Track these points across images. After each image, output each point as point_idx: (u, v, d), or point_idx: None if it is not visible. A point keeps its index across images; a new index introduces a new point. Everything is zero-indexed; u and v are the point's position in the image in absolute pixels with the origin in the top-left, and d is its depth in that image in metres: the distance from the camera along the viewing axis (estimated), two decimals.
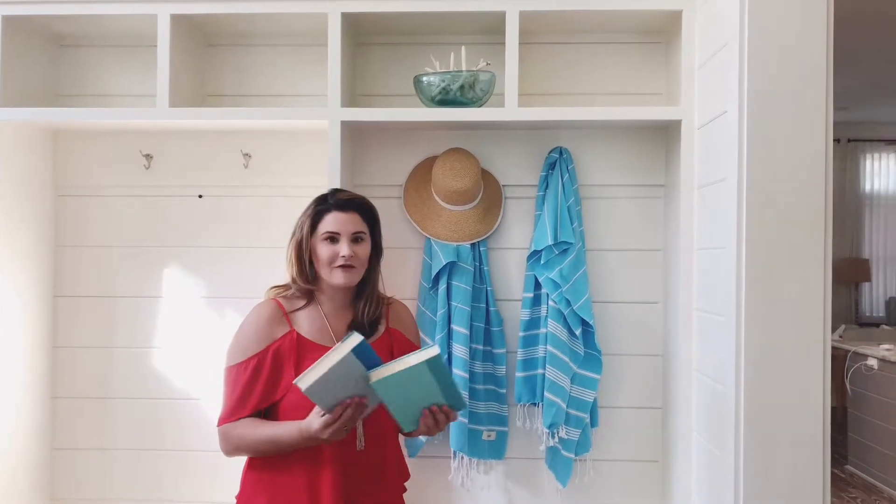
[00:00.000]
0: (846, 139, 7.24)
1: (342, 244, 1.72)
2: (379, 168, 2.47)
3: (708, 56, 2.07)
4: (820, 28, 1.76)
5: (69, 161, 2.55)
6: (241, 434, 1.67)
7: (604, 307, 2.44)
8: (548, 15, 2.26)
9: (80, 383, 2.55)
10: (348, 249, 1.71)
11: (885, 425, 4.32)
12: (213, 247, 2.52)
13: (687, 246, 2.19)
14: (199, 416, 2.52)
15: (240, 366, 1.69)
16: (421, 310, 2.40)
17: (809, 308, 1.76)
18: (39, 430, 2.50)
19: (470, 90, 2.26)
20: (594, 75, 2.46)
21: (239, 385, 1.68)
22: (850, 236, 7.33)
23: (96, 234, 2.55)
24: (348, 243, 1.72)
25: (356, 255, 1.73)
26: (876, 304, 7.37)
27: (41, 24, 2.41)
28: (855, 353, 4.62)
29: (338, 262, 1.71)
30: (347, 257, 1.71)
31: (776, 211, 1.77)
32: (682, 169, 2.20)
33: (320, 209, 1.76)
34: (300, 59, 2.50)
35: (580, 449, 2.36)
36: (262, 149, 2.50)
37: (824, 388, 1.76)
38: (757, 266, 1.77)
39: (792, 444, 1.76)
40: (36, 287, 2.48)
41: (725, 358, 1.86)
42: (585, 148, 2.44)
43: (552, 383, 2.29)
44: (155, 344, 2.54)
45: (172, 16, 2.26)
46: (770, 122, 1.77)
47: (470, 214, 2.38)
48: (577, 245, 2.34)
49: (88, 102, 2.53)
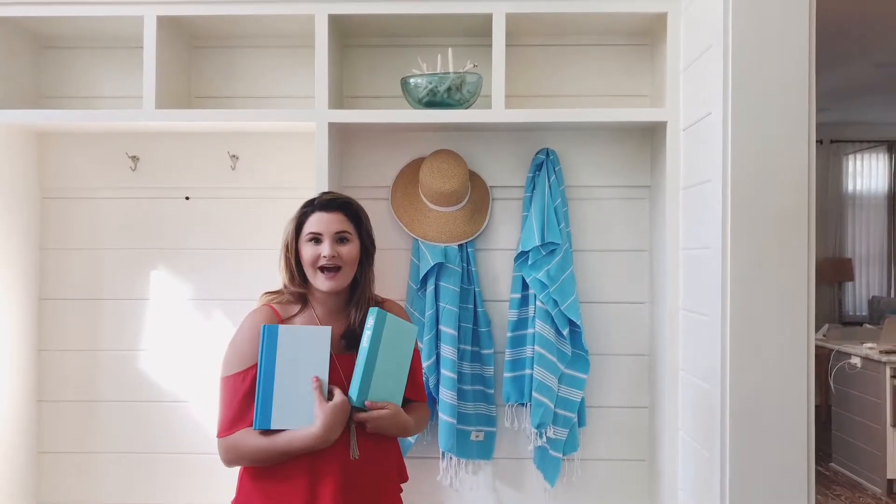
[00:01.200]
0: (828, 140, 7.31)
1: (324, 244, 1.69)
2: (366, 169, 2.48)
3: (693, 58, 2.09)
4: (802, 30, 1.78)
5: (54, 163, 2.54)
6: (243, 444, 1.62)
7: (591, 307, 2.46)
8: (534, 17, 2.27)
9: (66, 386, 2.53)
10: (330, 249, 1.67)
11: (868, 423, 4.37)
12: (200, 249, 2.52)
13: (673, 246, 2.21)
14: (187, 419, 2.51)
15: (237, 376, 1.65)
16: (409, 311, 2.41)
17: (794, 307, 1.78)
18: (25, 433, 2.48)
19: (457, 92, 2.27)
20: (580, 77, 2.48)
21: (238, 395, 1.64)
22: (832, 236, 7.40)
23: (82, 237, 2.54)
24: (331, 243, 1.68)
25: (340, 255, 1.69)
26: (859, 304, 7.44)
27: (25, 25, 2.40)
28: (838, 351, 4.66)
29: (320, 263, 1.68)
30: (329, 257, 1.67)
31: (760, 211, 1.79)
32: (668, 170, 2.21)
33: (305, 211, 1.74)
34: (287, 61, 2.50)
35: (568, 448, 2.37)
36: (249, 150, 2.50)
37: (808, 387, 1.78)
38: (742, 266, 1.79)
39: (777, 441, 1.78)
40: (21, 290, 2.46)
41: (711, 357, 1.88)
42: (572, 149, 2.46)
43: (540, 383, 2.30)
44: (142, 346, 2.53)
45: (159, 17, 2.25)
46: (754, 123, 1.79)
47: (457, 216, 2.38)
48: (565, 246, 2.35)
49: (74, 104, 2.52)
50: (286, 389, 1.60)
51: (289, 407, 1.60)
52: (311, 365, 1.62)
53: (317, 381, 1.61)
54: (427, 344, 2.33)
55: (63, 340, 2.53)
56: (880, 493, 4.25)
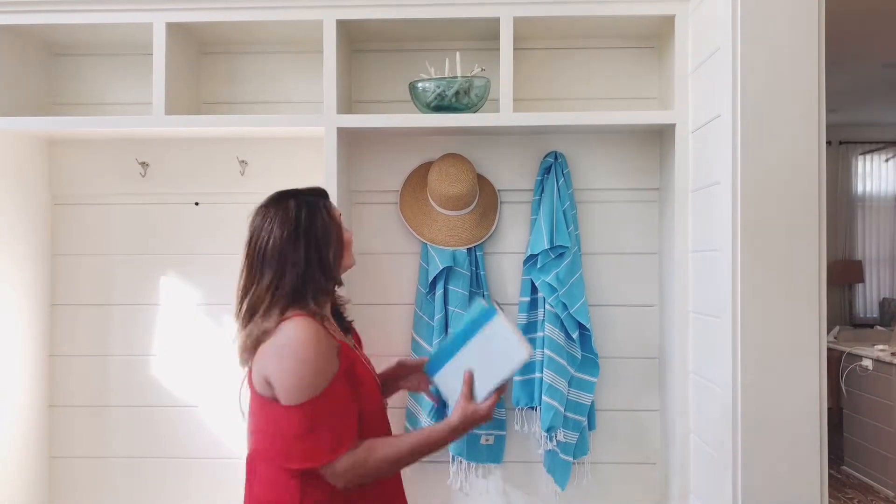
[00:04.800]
0: (837, 141, 7.28)
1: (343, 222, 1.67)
2: (375, 174, 2.48)
3: (701, 61, 2.08)
4: (811, 31, 1.78)
5: (65, 170, 2.55)
6: (373, 454, 1.49)
7: (600, 310, 2.45)
8: (542, 21, 2.27)
9: (77, 392, 2.54)
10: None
11: (880, 426, 4.34)
12: (209, 254, 2.53)
13: (682, 249, 2.20)
14: (198, 424, 2.52)
15: (327, 392, 1.47)
16: (418, 314, 2.41)
17: (805, 309, 1.77)
18: (36, 439, 2.49)
19: (465, 96, 2.27)
20: (588, 80, 2.48)
21: (338, 409, 1.49)
22: (842, 238, 7.36)
23: (93, 243, 2.55)
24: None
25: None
26: (869, 306, 7.40)
27: (36, 33, 2.42)
28: (850, 353, 4.64)
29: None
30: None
31: (770, 213, 1.78)
32: (677, 172, 2.21)
33: (321, 198, 1.63)
34: (296, 66, 2.51)
35: (578, 452, 2.37)
36: (258, 156, 2.51)
37: (821, 389, 1.77)
38: (752, 268, 1.78)
39: (789, 444, 1.77)
40: (32, 296, 2.48)
41: (722, 360, 1.87)
42: (580, 152, 2.46)
43: (550, 387, 2.29)
44: (152, 352, 2.54)
45: (168, 24, 2.26)
46: (763, 125, 1.78)
47: (466, 219, 2.38)
48: (573, 249, 2.35)
49: (84, 111, 2.53)
50: (461, 363, 1.60)
51: (452, 377, 1.60)
52: (491, 364, 1.57)
53: (469, 375, 1.58)
54: (436, 347, 2.33)
55: (74, 346, 2.55)
56: (893, 496, 4.21)
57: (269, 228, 1.56)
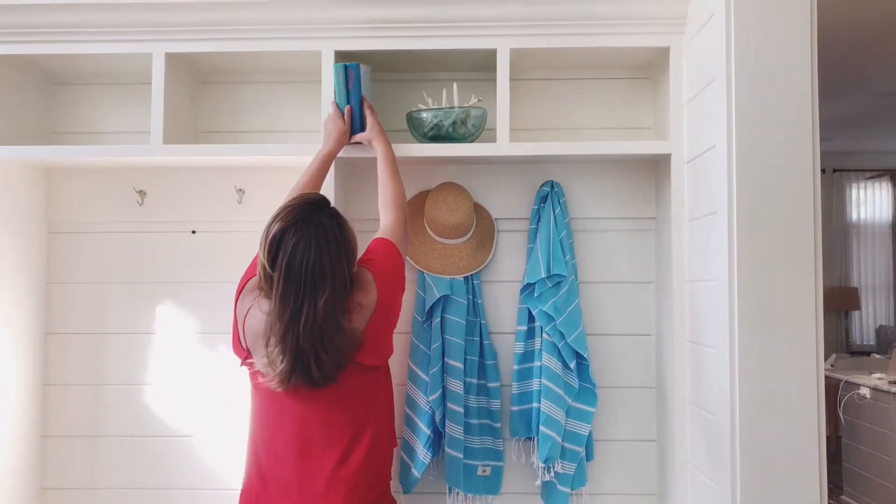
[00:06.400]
0: (831, 169, 7.34)
1: None
2: (373, 202, 2.46)
3: (696, 91, 2.10)
4: (804, 62, 1.80)
5: (62, 198, 2.55)
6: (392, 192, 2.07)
7: (597, 339, 2.44)
8: (538, 52, 2.30)
9: (71, 422, 2.52)
10: None
11: (879, 454, 4.31)
12: (206, 282, 2.52)
13: (679, 278, 2.20)
14: (192, 455, 2.49)
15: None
16: (415, 343, 2.40)
17: (802, 338, 1.77)
18: (28, 469, 2.46)
19: (462, 126, 2.28)
20: (584, 110, 2.50)
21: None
22: (838, 265, 7.39)
23: (88, 271, 2.54)
24: None
25: None
26: (866, 333, 7.41)
27: (35, 63, 2.44)
28: (847, 382, 4.62)
29: None
30: None
31: (766, 242, 1.78)
32: (673, 202, 2.22)
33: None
34: (293, 96, 2.53)
35: (576, 483, 2.35)
36: (255, 184, 2.51)
37: (819, 418, 1.76)
38: (749, 297, 1.78)
39: (788, 474, 1.75)
40: (27, 324, 2.46)
41: (720, 389, 1.86)
42: (577, 181, 2.47)
43: (547, 417, 2.28)
44: (147, 381, 2.52)
45: (167, 54, 2.28)
46: (758, 154, 1.79)
47: (463, 248, 2.39)
48: (570, 278, 2.35)
49: (82, 140, 2.54)
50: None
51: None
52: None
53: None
54: (433, 377, 2.31)
55: (68, 375, 2.53)
56: None
57: (305, 246, 1.70)
